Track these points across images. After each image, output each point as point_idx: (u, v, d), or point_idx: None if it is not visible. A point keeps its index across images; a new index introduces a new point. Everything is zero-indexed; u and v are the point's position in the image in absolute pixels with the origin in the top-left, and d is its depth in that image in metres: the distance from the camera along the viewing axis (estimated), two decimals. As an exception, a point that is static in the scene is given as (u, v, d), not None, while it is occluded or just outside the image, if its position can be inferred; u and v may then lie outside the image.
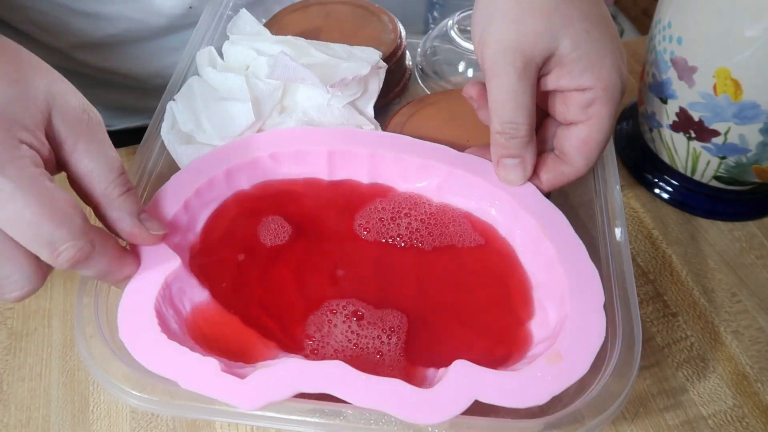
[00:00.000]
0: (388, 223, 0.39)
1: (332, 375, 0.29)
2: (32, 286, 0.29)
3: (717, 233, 0.46)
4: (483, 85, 0.38)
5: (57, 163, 0.31)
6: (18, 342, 0.41)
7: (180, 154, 0.40)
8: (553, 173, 0.37)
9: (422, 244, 0.38)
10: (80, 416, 0.38)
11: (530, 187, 0.38)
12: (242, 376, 0.30)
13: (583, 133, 0.36)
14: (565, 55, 0.35)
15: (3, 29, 0.55)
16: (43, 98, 0.29)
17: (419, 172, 0.40)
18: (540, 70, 0.35)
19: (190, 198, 0.37)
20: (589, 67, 0.35)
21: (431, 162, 0.39)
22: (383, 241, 0.38)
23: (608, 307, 0.33)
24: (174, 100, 0.43)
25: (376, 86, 0.44)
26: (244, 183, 0.40)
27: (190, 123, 0.41)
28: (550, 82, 0.36)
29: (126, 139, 0.50)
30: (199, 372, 0.29)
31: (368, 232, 0.38)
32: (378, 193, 0.40)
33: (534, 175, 0.38)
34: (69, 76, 0.32)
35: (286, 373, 0.29)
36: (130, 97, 0.62)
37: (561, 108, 0.37)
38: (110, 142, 0.32)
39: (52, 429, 0.37)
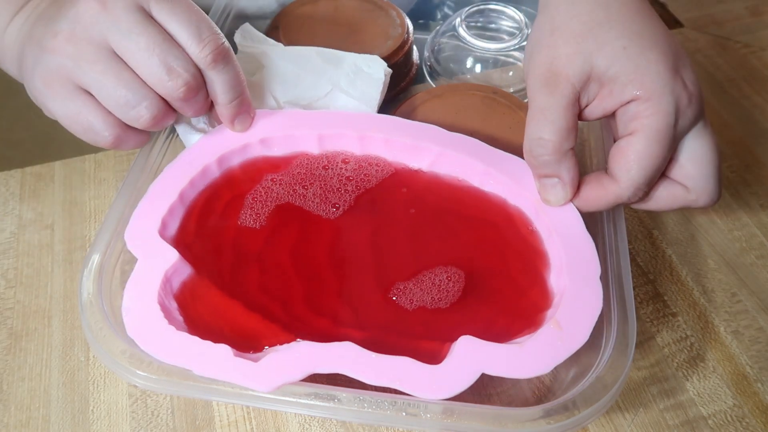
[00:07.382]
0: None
1: (343, 355, 0.30)
2: (159, 110, 0.35)
3: (717, 233, 0.46)
4: None
5: None
6: (18, 342, 0.41)
7: (191, 139, 0.41)
8: (590, 187, 0.35)
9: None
10: (80, 416, 0.38)
11: (522, 164, 0.38)
12: (254, 360, 0.30)
13: (622, 144, 0.34)
14: (602, 73, 0.34)
15: None
16: None
17: (410, 153, 0.40)
18: (580, 93, 0.34)
19: (185, 189, 0.37)
20: (630, 82, 0.33)
21: (422, 143, 0.39)
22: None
23: (605, 303, 0.33)
24: None
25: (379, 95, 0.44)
26: (237, 170, 0.40)
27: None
28: (598, 107, 0.35)
29: None
30: (212, 358, 0.30)
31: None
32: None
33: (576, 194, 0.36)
34: None
35: (298, 354, 0.30)
36: None
37: (615, 129, 0.36)
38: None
39: (52, 429, 0.37)
